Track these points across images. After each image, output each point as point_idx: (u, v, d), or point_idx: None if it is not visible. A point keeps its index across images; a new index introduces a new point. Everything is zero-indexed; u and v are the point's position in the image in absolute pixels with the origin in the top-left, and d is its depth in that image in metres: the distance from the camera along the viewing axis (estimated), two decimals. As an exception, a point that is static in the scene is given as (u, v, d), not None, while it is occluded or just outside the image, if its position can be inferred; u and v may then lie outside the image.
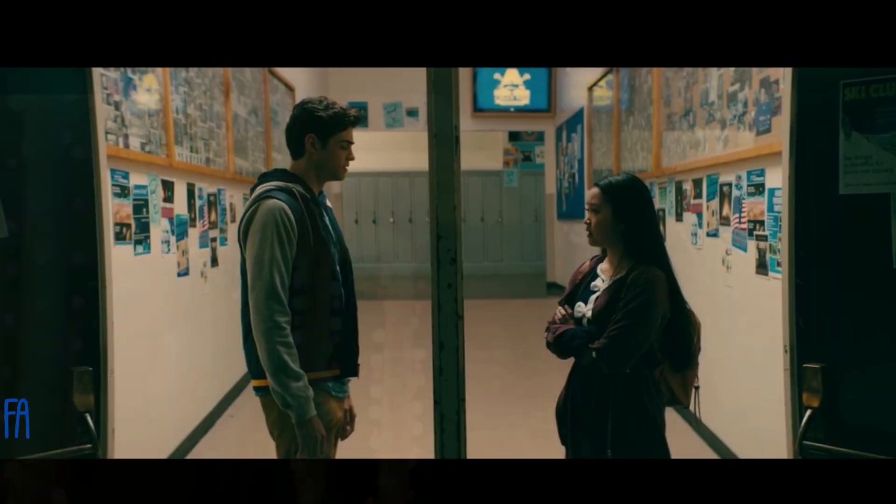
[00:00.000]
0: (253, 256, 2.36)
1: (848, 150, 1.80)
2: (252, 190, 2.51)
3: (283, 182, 2.47)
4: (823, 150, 1.86)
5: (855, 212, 1.80)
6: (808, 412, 1.85)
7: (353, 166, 2.68)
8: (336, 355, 2.48)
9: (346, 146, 2.55)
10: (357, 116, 2.55)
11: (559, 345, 2.45)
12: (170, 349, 4.46)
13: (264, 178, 2.54)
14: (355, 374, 2.56)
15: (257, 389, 2.46)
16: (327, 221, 2.57)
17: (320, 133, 2.47)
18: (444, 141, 1.87)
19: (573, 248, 9.74)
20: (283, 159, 7.86)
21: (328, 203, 2.68)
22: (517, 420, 5.06)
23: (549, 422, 2.59)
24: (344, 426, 2.59)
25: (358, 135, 2.68)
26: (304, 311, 2.39)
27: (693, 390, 2.49)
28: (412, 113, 10.64)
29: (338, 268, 2.54)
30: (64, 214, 1.99)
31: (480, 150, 13.22)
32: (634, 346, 2.30)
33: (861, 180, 1.78)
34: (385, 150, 12.95)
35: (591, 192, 2.47)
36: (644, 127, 5.85)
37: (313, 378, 2.38)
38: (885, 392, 1.79)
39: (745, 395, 3.83)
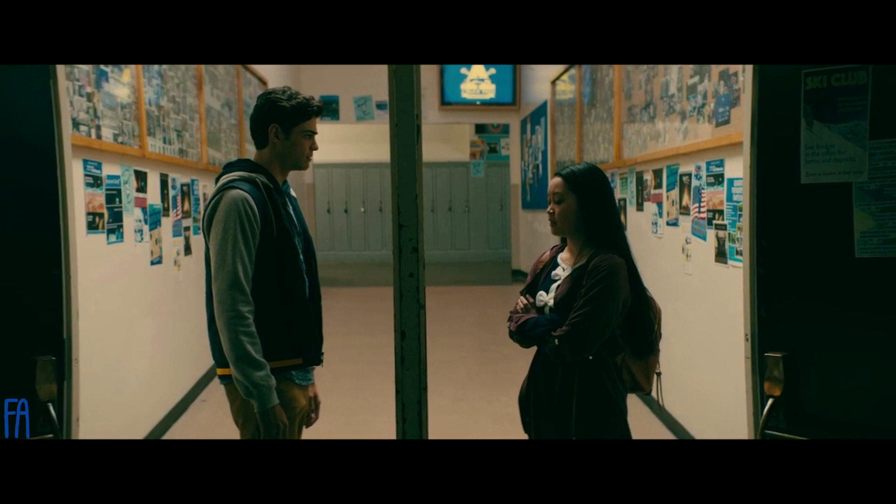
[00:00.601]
0: (216, 246, 2.36)
1: (809, 139, 1.81)
2: (217, 180, 2.50)
3: (247, 172, 2.47)
4: (785, 139, 1.87)
5: (816, 201, 1.81)
6: (770, 401, 1.86)
7: (325, 157, 2.69)
8: (299, 344, 2.49)
9: (310, 136, 2.56)
10: (320, 106, 2.57)
11: (522, 333, 2.45)
12: (143, 335, 4.52)
13: (228, 168, 2.54)
14: (318, 362, 2.57)
15: (221, 378, 2.48)
16: (291, 211, 2.58)
17: (284, 123, 2.48)
18: (404, 129, 1.85)
19: (537, 236, 9.84)
20: (255, 151, 7.84)
21: (292, 193, 2.70)
22: (481, 405, 5.09)
23: (513, 406, 2.62)
24: (308, 414, 2.61)
25: (330, 127, 2.69)
26: (267, 301, 2.40)
27: (655, 376, 2.51)
28: (382, 106, 10.73)
29: (301, 257, 2.55)
30: (27, 203, 1.97)
31: (448, 143, 13.69)
32: (596, 331, 2.31)
33: (822, 170, 1.79)
34: (356, 143, 13.26)
35: (553, 182, 2.47)
36: (605, 119, 5.88)
37: (276, 367, 2.39)
38: (846, 381, 1.81)
39: (704, 380, 3.88)
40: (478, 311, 8.70)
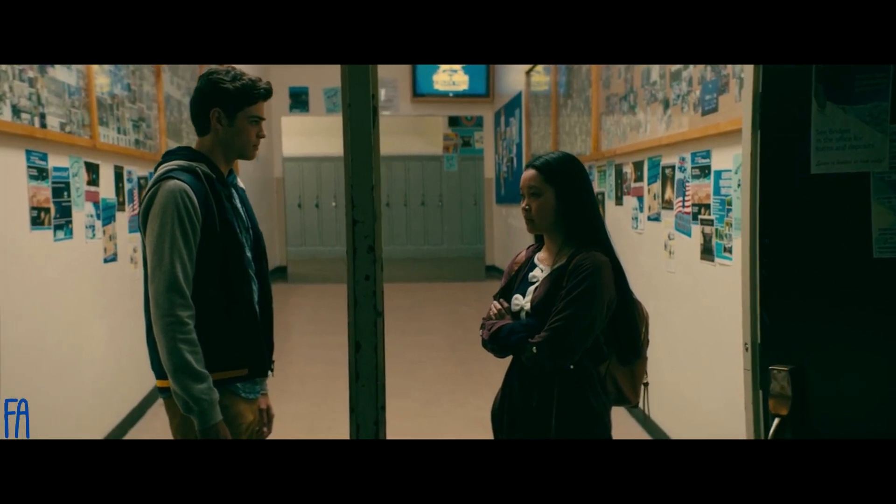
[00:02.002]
0: (152, 244, 2.13)
1: (821, 123, 1.58)
2: (155, 170, 2.28)
3: (187, 161, 2.24)
4: (792, 123, 1.65)
5: (828, 194, 1.59)
6: (776, 421, 1.64)
7: (295, 151, 2.47)
8: (245, 353, 2.26)
9: (256, 122, 2.33)
10: (268, 90, 2.34)
11: (496, 341, 2.22)
12: (97, 337, 4.28)
13: (168, 156, 2.31)
14: (264, 373, 2.34)
15: (161, 390, 2.25)
16: (238, 204, 2.38)
17: (227, 107, 2.25)
18: (359, 111, 1.62)
19: (512, 231, 9.66)
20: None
21: (240, 183, 2.48)
22: (452, 408, 4.87)
23: (486, 409, 2.42)
24: (259, 428, 2.38)
25: (300, 120, 2.47)
26: (209, 304, 2.17)
27: (642, 387, 2.29)
28: (354, 98, 10.41)
29: (249, 254, 2.34)
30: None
31: (421, 136, 13.73)
32: (579, 336, 2.09)
33: (836, 158, 1.57)
34: (327, 136, 13.20)
35: (527, 175, 2.23)
36: (582, 109, 5.67)
37: (220, 378, 2.16)
38: (863, 397, 1.58)
39: (688, 385, 3.67)
40: (450, 308, 8.48)
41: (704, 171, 3.37)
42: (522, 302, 2.25)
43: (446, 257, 13.32)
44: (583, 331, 2.09)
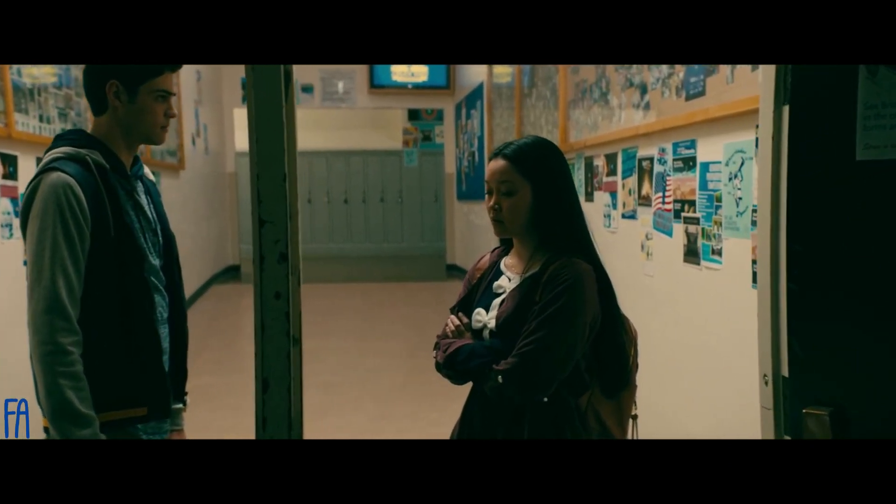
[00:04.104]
0: (31, 253, 1.76)
1: (870, 95, 1.22)
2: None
3: (74, 148, 1.83)
4: (829, 95, 1.28)
5: (879, 186, 1.22)
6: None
7: (242, 146, 2.06)
8: (143, 388, 1.86)
9: (164, 98, 1.93)
10: None
11: (452, 366, 1.84)
12: (15, 349, 3.81)
13: (57, 141, 1.91)
14: (166, 413, 1.91)
15: (47, 430, 1.83)
16: (143, 201, 1.96)
17: (126, 80, 1.87)
18: (266, 80, 1.25)
19: (474, 229, 9.30)
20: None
21: (150, 176, 2.09)
22: (406, 423, 4.48)
23: (444, 425, 2.09)
24: None
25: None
26: (100, 327, 1.79)
27: (630, 421, 1.92)
28: (307, 89, 10.05)
29: (156, 263, 1.94)
30: None
31: (380, 130, 13.48)
32: (555, 365, 1.71)
33: (890, 139, 1.20)
34: None
35: (496, 166, 1.84)
36: (549, 98, 5.31)
37: (111, 420, 1.78)
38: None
39: (669, 404, 3.31)
40: (410, 310, 8.08)
41: (688, 163, 3.01)
42: (485, 318, 1.86)
43: (407, 255, 12.95)
44: (560, 357, 1.70)
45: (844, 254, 1.29)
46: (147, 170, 2.10)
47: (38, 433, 2.18)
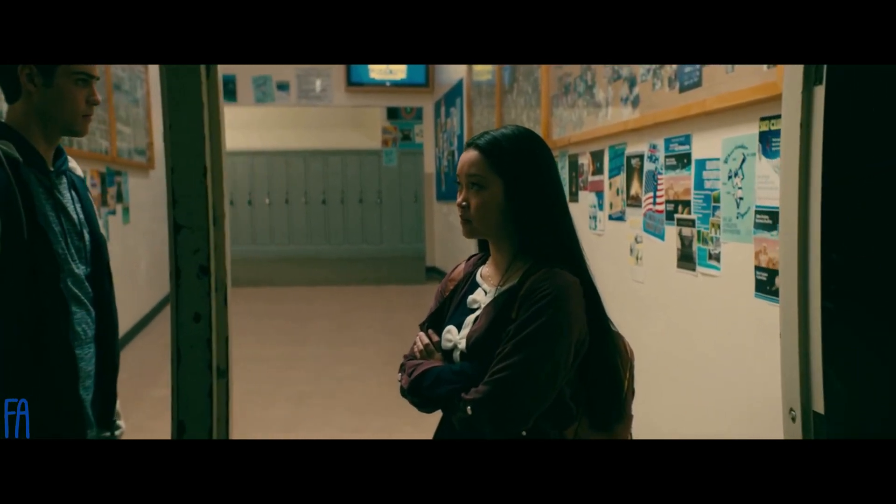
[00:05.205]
0: None
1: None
2: None
3: None
4: (873, 74, 1.04)
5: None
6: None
7: (227, 144, 1.83)
8: (57, 417, 1.62)
9: (85, 82, 1.71)
10: None
11: (417, 392, 1.59)
12: None
13: None
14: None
15: None
16: (67, 199, 1.73)
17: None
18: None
19: (453, 230, 9.04)
20: (130, 133, 6.85)
21: (77, 171, 1.85)
22: (381, 437, 4.18)
23: (419, 438, 1.79)
24: None
25: (230, 111, 1.81)
26: (9, 348, 1.55)
27: None
28: (283, 86, 9.77)
29: (79, 271, 1.70)
30: None
31: (358, 129, 13.34)
32: (534, 393, 1.46)
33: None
34: (259, 129, 12.65)
35: (467, 158, 1.59)
36: (531, 94, 5.07)
37: None
38: None
39: (660, 420, 3.07)
40: (387, 315, 7.80)
41: (682, 160, 2.77)
42: (456, 337, 1.60)
43: (386, 257, 12.68)
44: (539, 385, 1.45)
45: (891, 266, 1.05)
46: (74, 164, 1.84)
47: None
